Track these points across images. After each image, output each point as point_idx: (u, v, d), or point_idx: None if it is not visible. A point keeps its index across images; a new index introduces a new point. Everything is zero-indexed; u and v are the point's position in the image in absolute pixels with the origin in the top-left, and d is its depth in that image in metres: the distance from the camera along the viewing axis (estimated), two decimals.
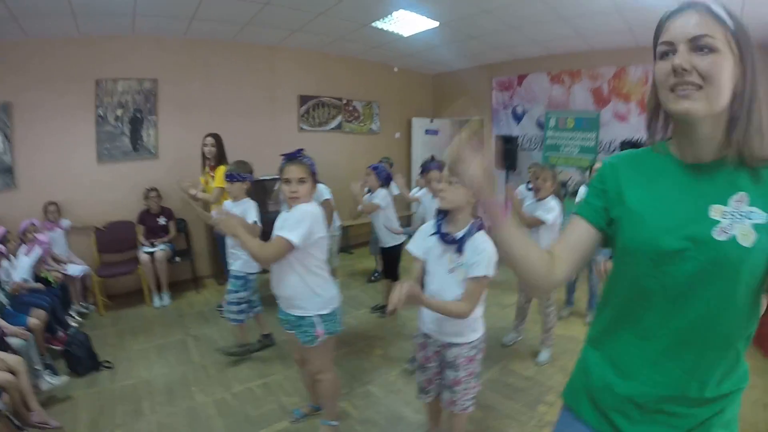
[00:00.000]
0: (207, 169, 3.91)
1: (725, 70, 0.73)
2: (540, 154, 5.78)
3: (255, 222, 2.83)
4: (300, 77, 5.70)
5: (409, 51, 5.84)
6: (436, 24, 4.63)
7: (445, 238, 1.71)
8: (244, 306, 3.03)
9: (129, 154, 4.54)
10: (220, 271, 4.81)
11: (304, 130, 5.85)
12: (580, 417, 0.96)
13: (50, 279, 3.47)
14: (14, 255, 3.31)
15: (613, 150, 5.16)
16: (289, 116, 5.70)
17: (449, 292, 1.69)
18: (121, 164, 4.51)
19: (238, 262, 2.95)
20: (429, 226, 1.82)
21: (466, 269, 1.65)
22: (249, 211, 2.89)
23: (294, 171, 1.91)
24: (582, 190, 3.67)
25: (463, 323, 1.72)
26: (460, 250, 1.66)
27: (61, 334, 3.20)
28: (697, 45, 0.72)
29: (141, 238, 4.35)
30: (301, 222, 1.85)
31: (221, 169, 3.59)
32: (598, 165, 3.18)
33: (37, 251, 3.43)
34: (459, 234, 1.68)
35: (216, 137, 3.88)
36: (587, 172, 5.20)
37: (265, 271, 2.44)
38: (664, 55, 0.76)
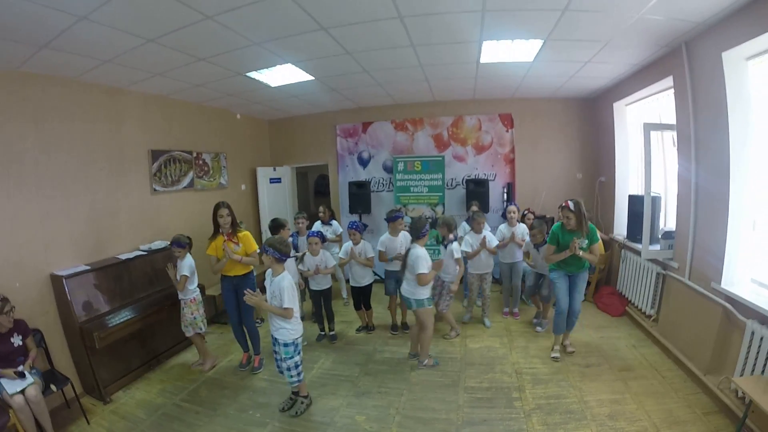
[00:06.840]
0: (224, 236, 3.96)
1: None
2: (391, 195, 6.52)
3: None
4: (149, 128, 4.80)
5: (262, 99, 5.75)
6: (311, 78, 4.90)
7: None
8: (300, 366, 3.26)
9: None
10: (94, 386, 3.47)
11: (157, 191, 4.88)
12: None
13: None
14: None
15: (456, 186, 6.41)
16: (140, 176, 4.68)
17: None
18: None
19: (282, 330, 3.10)
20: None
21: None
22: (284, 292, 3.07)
23: None
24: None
25: None
26: None
27: None
28: None
29: None
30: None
31: (246, 235, 4.11)
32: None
33: None
34: None
35: (227, 206, 4.02)
36: (438, 207, 6.25)
37: None
38: None
